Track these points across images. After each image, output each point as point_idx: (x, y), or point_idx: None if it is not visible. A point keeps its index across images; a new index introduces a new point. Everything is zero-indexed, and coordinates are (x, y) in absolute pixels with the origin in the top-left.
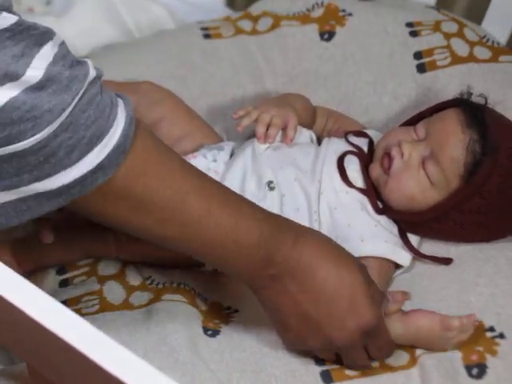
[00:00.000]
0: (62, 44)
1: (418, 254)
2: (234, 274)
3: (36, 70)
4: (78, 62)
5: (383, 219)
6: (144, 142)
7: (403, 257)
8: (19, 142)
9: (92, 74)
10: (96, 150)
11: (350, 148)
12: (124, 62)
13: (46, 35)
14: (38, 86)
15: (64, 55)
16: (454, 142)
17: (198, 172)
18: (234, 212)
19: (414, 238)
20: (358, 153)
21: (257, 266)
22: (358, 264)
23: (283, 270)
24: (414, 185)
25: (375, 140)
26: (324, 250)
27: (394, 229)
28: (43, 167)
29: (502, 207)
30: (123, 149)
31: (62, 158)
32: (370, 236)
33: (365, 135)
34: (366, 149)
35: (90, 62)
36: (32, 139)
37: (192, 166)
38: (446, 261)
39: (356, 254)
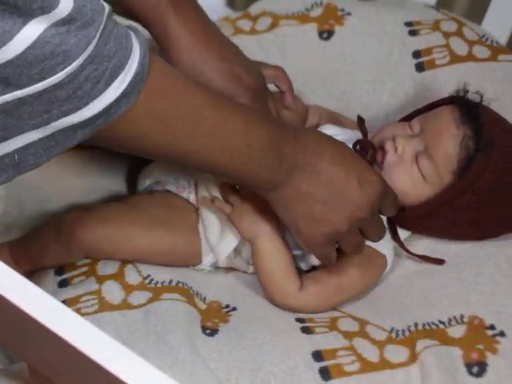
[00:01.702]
0: None
1: (403, 248)
2: (253, 179)
3: (66, 3)
4: None
5: None
6: (157, 65)
7: (386, 247)
8: (50, 77)
9: (107, 6)
10: (119, 79)
11: None
12: None
13: None
14: (67, 20)
15: None
16: (448, 138)
17: (205, 86)
18: (243, 117)
19: (403, 234)
20: None
21: (271, 165)
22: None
23: (293, 163)
24: (407, 179)
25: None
26: (322, 139)
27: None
28: (72, 101)
29: (494, 204)
30: (142, 75)
31: (88, 91)
32: None
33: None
34: (350, 145)
35: None
36: (62, 73)
37: (198, 82)
38: (438, 261)
39: None
